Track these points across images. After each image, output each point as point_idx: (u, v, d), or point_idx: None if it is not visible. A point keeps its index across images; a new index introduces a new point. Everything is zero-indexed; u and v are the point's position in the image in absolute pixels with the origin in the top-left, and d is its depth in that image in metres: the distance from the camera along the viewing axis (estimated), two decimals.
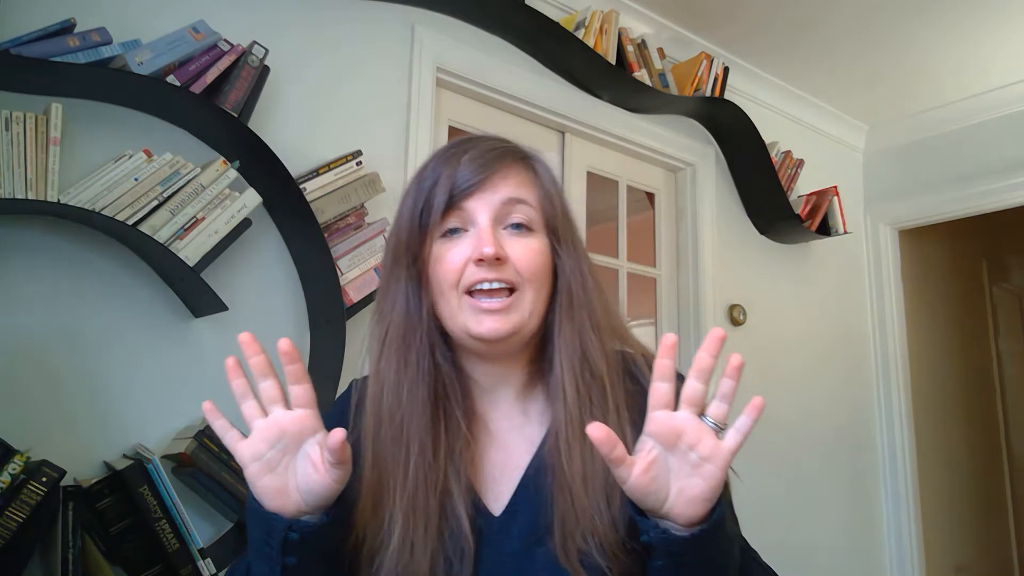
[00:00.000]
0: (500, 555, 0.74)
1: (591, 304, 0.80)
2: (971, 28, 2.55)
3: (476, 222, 0.76)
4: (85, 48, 1.34)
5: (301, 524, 0.67)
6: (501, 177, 0.78)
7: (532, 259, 0.77)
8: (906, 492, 3.04)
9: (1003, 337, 3.93)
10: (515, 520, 0.75)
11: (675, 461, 0.64)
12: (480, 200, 0.77)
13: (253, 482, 0.68)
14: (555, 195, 0.82)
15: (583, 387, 0.76)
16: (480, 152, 0.79)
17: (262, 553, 0.69)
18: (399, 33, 1.96)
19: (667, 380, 0.65)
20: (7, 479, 1.13)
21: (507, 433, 0.81)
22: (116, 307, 1.45)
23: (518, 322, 0.76)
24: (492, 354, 0.79)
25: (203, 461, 1.36)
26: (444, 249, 0.77)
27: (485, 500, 0.78)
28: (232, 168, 1.49)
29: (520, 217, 0.78)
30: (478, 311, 0.75)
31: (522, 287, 0.76)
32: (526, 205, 0.78)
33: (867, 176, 3.37)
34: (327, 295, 1.61)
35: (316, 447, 0.66)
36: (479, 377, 0.82)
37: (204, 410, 0.69)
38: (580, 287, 0.80)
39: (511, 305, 0.75)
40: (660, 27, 2.54)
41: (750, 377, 2.86)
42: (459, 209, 0.77)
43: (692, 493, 0.63)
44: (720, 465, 0.63)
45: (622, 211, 2.52)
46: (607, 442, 0.62)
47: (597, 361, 0.77)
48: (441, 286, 0.77)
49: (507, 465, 0.79)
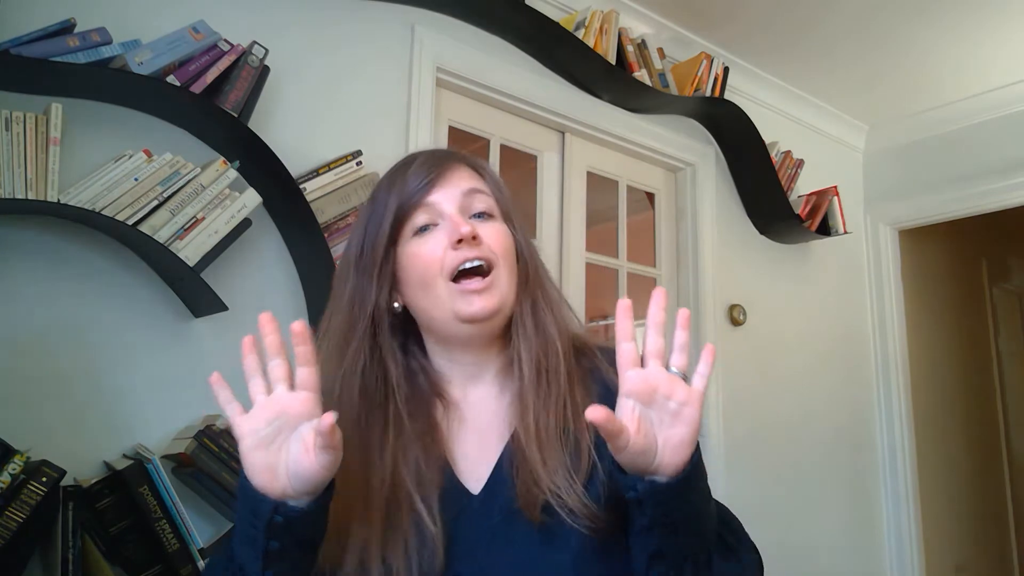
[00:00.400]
0: (480, 531, 0.76)
1: (544, 284, 0.87)
2: (971, 28, 2.55)
3: (444, 213, 0.82)
4: (85, 48, 1.34)
5: (287, 508, 0.68)
6: (455, 172, 0.85)
7: (501, 240, 0.83)
8: (906, 492, 3.04)
9: (1003, 337, 3.93)
10: (493, 496, 0.78)
11: (656, 414, 0.68)
12: (443, 192, 0.82)
13: (245, 456, 0.69)
14: (502, 186, 0.89)
15: (540, 356, 0.82)
16: (426, 158, 0.86)
17: (247, 536, 0.70)
18: (399, 33, 1.96)
19: (630, 340, 0.69)
20: (7, 479, 1.13)
21: (484, 416, 0.84)
22: (116, 307, 1.45)
23: (500, 299, 0.81)
24: (475, 337, 0.83)
25: (203, 461, 1.36)
26: (418, 245, 0.81)
27: (464, 481, 0.80)
28: (232, 168, 1.49)
29: (482, 206, 0.84)
30: (466, 293, 0.79)
31: (498, 264, 0.81)
32: (484, 195, 0.85)
33: (867, 176, 3.37)
34: (327, 295, 1.61)
35: (311, 431, 0.68)
36: (456, 367, 0.86)
37: (211, 381, 0.71)
38: (536, 269, 0.87)
39: (492, 283, 0.80)
40: (660, 27, 2.55)
41: (750, 377, 2.88)
42: (425, 205, 0.82)
43: (676, 440, 0.67)
44: (696, 407, 0.68)
45: (622, 211, 2.52)
46: (608, 420, 0.64)
47: (552, 334, 0.84)
48: (423, 278, 0.80)
49: (484, 445, 0.82)
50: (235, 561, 0.73)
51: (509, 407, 0.84)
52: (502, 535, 0.76)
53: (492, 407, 0.85)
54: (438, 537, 0.74)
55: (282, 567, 0.70)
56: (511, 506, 0.76)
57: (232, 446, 1.40)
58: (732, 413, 2.54)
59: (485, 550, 0.75)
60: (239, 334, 0.71)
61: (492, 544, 0.75)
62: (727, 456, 2.49)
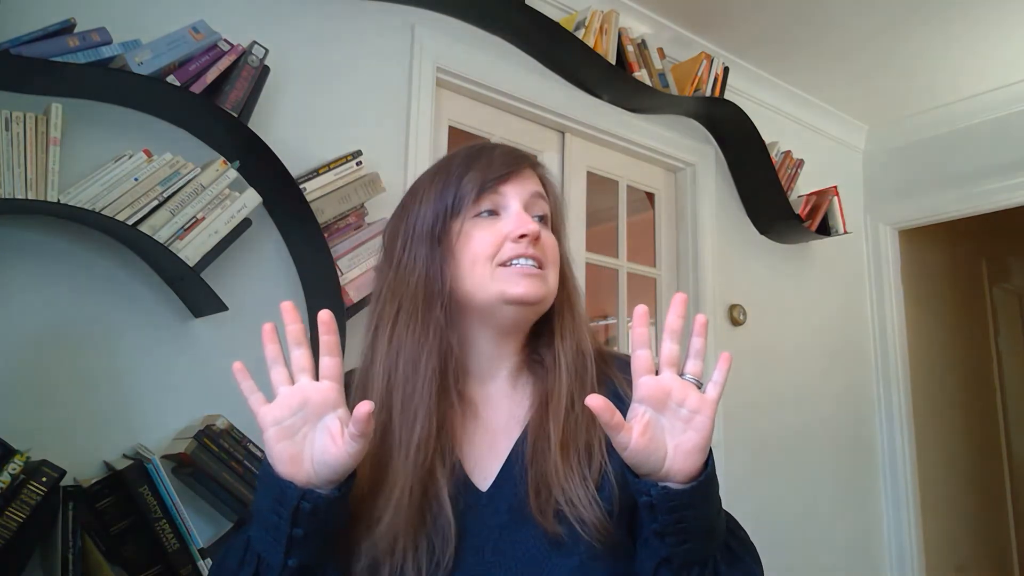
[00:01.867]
0: (487, 528, 0.77)
1: (580, 297, 0.91)
2: (971, 28, 2.55)
3: (510, 206, 0.84)
4: (85, 48, 1.34)
5: (314, 495, 0.69)
6: (528, 174, 0.88)
7: (553, 247, 0.87)
8: (906, 492, 3.04)
9: (1003, 337, 3.93)
10: (502, 494, 0.79)
11: (667, 420, 0.69)
12: (514, 187, 0.85)
13: (270, 446, 0.70)
14: (559, 201, 0.93)
15: (577, 364, 0.84)
16: (507, 151, 0.88)
17: (268, 523, 0.70)
18: (399, 33, 1.96)
19: (646, 347, 0.70)
20: (7, 479, 1.13)
21: (496, 414, 0.85)
22: (116, 307, 1.45)
23: (547, 291, 0.84)
24: (510, 325, 0.84)
25: (203, 461, 1.36)
26: (478, 228, 0.83)
27: (473, 477, 0.81)
28: (232, 168, 1.49)
29: (542, 211, 0.88)
30: (516, 275, 0.81)
31: (547, 267, 0.84)
32: (545, 202, 0.89)
33: (867, 176, 3.37)
34: (327, 295, 1.61)
35: (336, 420, 0.69)
36: (476, 360, 0.87)
37: (234, 370, 0.71)
38: (573, 281, 0.91)
39: (542, 275, 0.83)
40: (660, 27, 2.55)
41: (750, 376, 2.88)
42: (494, 193, 0.84)
43: (688, 446, 0.68)
44: (709, 414, 0.68)
45: (622, 211, 2.52)
46: (606, 409, 0.66)
47: (586, 345, 0.86)
48: (474, 259, 0.82)
49: (495, 443, 0.83)
50: (252, 550, 0.73)
51: (522, 406, 0.84)
52: (509, 534, 0.76)
53: (504, 405, 0.86)
54: (452, 530, 0.75)
55: (304, 554, 0.70)
56: (519, 506, 0.77)
57: (232, 446, 1.40)
58: (732, 413, 2.54)
59: (492, 547, 0.76)
60: (239, 334, 0.71)
61: (499, 542, 0.76)
62: (726, 456, 2.49)
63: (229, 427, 1.43)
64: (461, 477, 0.80)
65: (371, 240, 1.70)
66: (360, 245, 1.68)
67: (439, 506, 0.76)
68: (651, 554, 0.71)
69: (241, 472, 1.40)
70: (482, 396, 0.86)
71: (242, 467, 1.40)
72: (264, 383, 0.72)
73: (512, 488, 0.78)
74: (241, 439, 1.43)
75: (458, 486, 0.78)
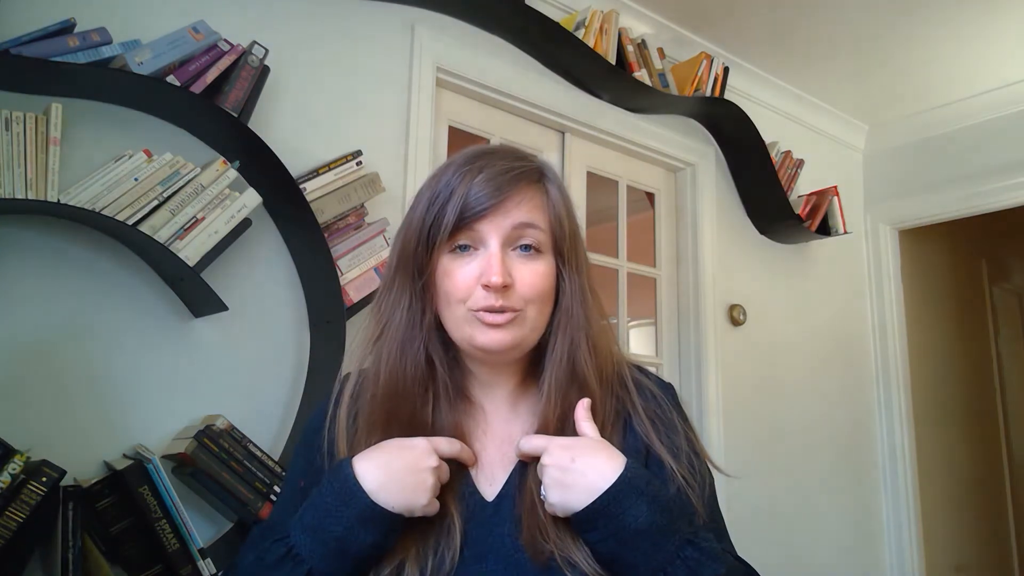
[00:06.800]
0: (490, 537, 0.77)
1: (588, 322, 0.83)
2: (971, 28, 2.55)
3: (487, 244, 0.79)
4: (85, 48, 1.34)
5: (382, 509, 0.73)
6: (515, 202, 0.80)
7: (536, 283, 0.80)
8: (906, 492, 3.04)
9: (1003, 337, 3.93)
10: (506, 505, 0.79)
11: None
12: (492, 224, 0.79)
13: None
14: (565, 218, 0.84)
15: (569, 399, 0.81)
16: (496, 172, 0.80)
17: (329, 510, 0.73)
18: (399, 33, 1.95)
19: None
20: (7, 479, 1.13)
21: (503, 424, 0.86)
22: (116, 307, 1.45)
23: (519, 337, 0.80)
24: (492, 361, 0.84)
25: (203, 461, 1.36)
26: (454, 265, 0.80)
27: (479, 485, 0.81)
28: (232, 168, 1.49)
29: (529, 240, 0.80)
30: (483, 324, 0.78)
31: (526, 307, 0.79)
32: (536, 229, 0.81)
33: (867, 176, 3.37)
34: (327, 295, 1.61)
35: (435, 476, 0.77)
36: (478, 373, 0.87)
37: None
38: (579, 307, 0.83)
39: (513, 321, 0.79)
40: (660, 27, 2.55)
41: (749, 377, 2.88)
42: (470, 229, 0.79)
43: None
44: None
45: (622, 211, 2.52)
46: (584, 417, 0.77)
47: (588, 376, 0.82)
48: (448, 298, 0.80)
49: (500, 454, 0.84)
50: (289, 544, 0.73)
51: (528, 422, 0.85)
52: (511, 547, 0.76)
53: (509, 416, 0.86)
54: (457, 537, 0.76)
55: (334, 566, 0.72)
56: (520, 520, 0.78)
57: (232, 446, 1.40)
58: (732, 413, 2.54)
59: (494, 558, 0.76)
60: (239, 334, 0.71)
61: (500, 553, 0.76)
62: (726, 456, 2.49)
63: (229, 427, 1.43)
64: (469, 485, 0.81)
65: (371, 240, 1.70)
66: (360, 245, 1.68)
67: (445, 512, 0.77)
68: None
69: (241, 472, 1.40)
70: (488, 405, 0.87)
71: (242, 467, 1.40)
72: (264, 383, 0.72)
73: (515, 502, 0.79)
74: (241, 439, 1.43)
75: (465, 493, 0.80)
